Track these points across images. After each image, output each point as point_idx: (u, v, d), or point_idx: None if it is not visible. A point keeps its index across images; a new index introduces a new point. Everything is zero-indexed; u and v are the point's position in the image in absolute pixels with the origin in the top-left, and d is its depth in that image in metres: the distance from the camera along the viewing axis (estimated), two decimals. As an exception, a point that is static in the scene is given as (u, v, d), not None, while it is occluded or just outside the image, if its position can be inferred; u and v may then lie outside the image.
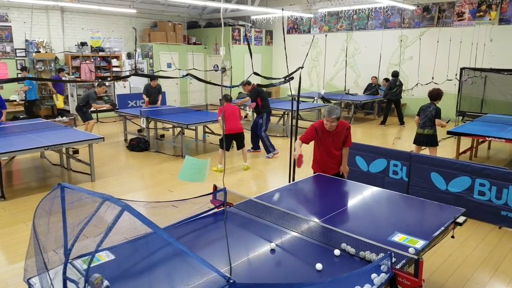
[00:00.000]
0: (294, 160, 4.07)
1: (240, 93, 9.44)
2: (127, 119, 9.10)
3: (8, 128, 6.79)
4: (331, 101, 10.97)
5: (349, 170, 4.35)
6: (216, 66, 14.99)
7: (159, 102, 9.85)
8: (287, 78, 4.47)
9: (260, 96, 7.79)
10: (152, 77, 8.16)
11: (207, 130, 8.93)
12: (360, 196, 3.44)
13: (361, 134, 9.94)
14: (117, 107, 9.75)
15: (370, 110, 12.89)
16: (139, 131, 9.10)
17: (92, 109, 8.63)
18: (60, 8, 11.88)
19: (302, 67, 4.54)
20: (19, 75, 10.66)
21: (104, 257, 2.29)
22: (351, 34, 13.52)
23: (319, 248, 2.41)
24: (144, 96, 9.73)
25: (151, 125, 8.64)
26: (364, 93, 12.89)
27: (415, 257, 2.14)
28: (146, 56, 13.91)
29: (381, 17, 12.79)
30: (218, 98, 15.08)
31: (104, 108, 9.04)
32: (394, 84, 10.74)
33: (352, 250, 2.33)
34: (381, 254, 2.25)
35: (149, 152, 8.12)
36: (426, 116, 6.06)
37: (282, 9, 5.29)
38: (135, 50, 12.65)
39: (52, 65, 11.70)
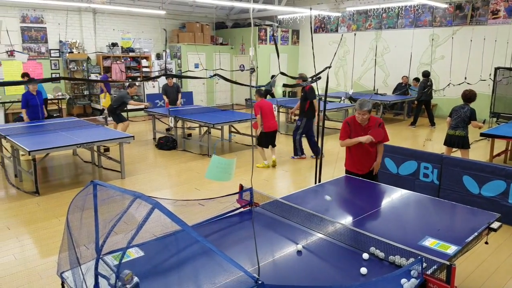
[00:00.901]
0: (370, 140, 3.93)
1: (258, 89, 9.37)
2: (156, 118, 9.28)
3: (43, 126, 7.05)
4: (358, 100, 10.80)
5: (379, 166, 4.19)
6: (242, 66, 15.05)
7: (179, 102, 9.91)
8: (314, 78, 4.43)
9: (314, 98, 7.29)
10: (178, 76, 8.34)
11: (232, 130, 8.99)
12: (389, 199, 3.37)
13: (390, 135, 9.63)
14: (149, 106, 9.89)
15: (399, 111, 12.60)
16: (167, 130, 9.25)
17: (129, 107, 8.70)
18: (92, 10, 12.24)
19: (330, 67, 4.50)
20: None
21: (134, 253, 2.34)
22: (380, 33, 13.26)
23: (347, 251, 2.38)
24: (164, 97, 9.82)
25: (179, 124, 8.77)
26: (393, 93, 12.61)
27: (448, 263, 2.07)
28: (175, 57, 14.13)
29: (411, 15, 12.48)
30: (243, 98, 15.14)
31: (142, 106, 9.03)
32: (426, 84, 10.46)
33: (381, 254, 2.29)
34: (411, 259, 2.19)
35: (176, 151, 8.24)
36: (459, 117, 5.87)
37: (310, 8, 5.25)
38: (165, 51, 12.86)
39: (84, 65, 12.07)
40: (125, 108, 8.75)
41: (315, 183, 4.61)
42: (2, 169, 6.75)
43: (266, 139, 6.89)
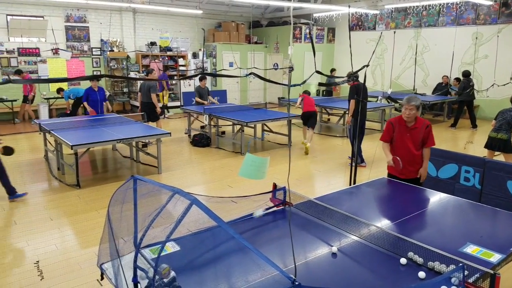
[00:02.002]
0: (393, 164, 3.84)
1: (305, 90, 9.34)
2: (191, 116, 9.45)
3: (85, 121, 7.35)
4: (398, 101, 10.52)
5: (426, 174, 3.99)
6: (276, 64, 15.03)
7: (214, 99, 9.97)
8: (351, 77, 4.35)
9: (352, 98, 6.76)
10: (214, 75, 8.43)
11: (265, 128, 9.00)
12: (428, 202, 3.26)
13: (428, 136, 9.41)
14: (163, 116, 9.75)
15: (439, 112, 12.16)
16: (202, 127, 9.40)
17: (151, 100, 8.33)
18: (133, 10, 12.62)
19: (367, 65, 4.40)
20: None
21: (170, 247, 2.39)
22: (420, 31, 12.84)
23: (383, 255, 2.32)
24: (198, 99, 9.58)
25: (213, 122, 8.88)
26: (433, 93, 12.18)
27: (491, 271, 1.98)
28: (210, 56, 14.31)
29: (453, 13, 12.00)
30: (277, 96, 15.12)
31: (158, 109, 8.46)
32: (468, 84, 10.03)
33: (419, 260, 2.22)
34: (452, 266, 2.11)
35: (210, 148, 8.36)
36: (505, 119, 5.59)
37: (349, 6, 5.16)
38: (203, 50, 13.04)
39: (124, 63, 12.47)
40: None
41: (350, 184, 4.53)
42: (46, 162, 7.10)
43: (304, 118, 8.35)
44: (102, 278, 2.44)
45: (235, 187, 5.89)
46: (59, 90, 10.96)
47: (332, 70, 13.80)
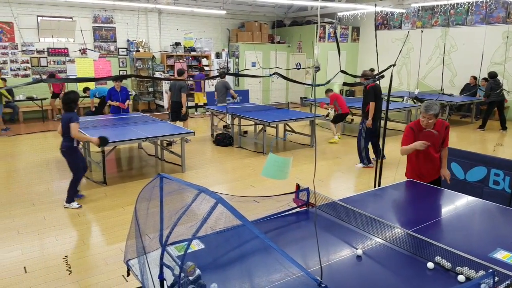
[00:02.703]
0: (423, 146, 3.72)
1: (329, 89, 9.31)
2: (214, 115, 9.53)
3: (111, 120, 7.52)
4: (425, 101, 10.30)
5: (450, 174, 3.99)
6: (298, 64, 14.96)
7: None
8: (377, 77, 4.29)
9: (372, 100, 6.65)
10: (240, 75, 8.48)
11: (287, 128, 8.98)
12: (456, 206, 3.18)
13: (456, 138, 9.17)
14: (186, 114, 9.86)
15: (467, 113, 11.82)
16: (225, 127, 9.46)
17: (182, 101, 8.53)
18: (158, 10, 12.83)
19: (394, 65, 4.32)
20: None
21: (195, 245, 2.42)
22: (447, 30, 12.52)
23: (410, 259, 2.28)
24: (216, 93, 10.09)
25: (235, 121, 8.93)
26: (460, 93, 11.86)
27: (524, 279, 1.92)
28: (233, 56, 14.39)
29: (483, 11, 11.63)
30: (299, 96, 15.04)
31: (183, 109, 8.63)
32: (496, 86, 9.72)
33: (447, 265, 2.17)
34: (481, 272, 2.05)
35: (232, 147, 8.41)
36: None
37: (375, 5, 5.08)
38: (227, 50, 13.14)
39: (150, 63, 12.70)
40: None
41: (375, 186, 4.47)
42: (75, 159, 7.30)
43: (341, 118, 8.93)
44: (128, 274, 2.49)
45: (257, 187, 5.91)
46: (86, 90, 11.27)
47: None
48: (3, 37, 10.85)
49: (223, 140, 8.56)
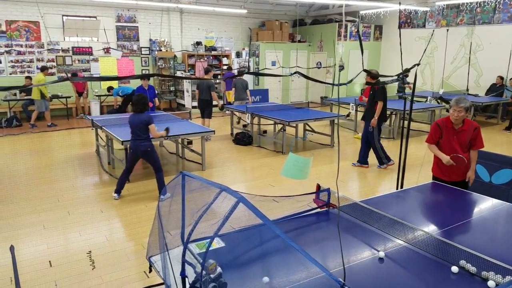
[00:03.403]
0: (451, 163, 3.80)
1: (362, 89, 9.24)
2: (234, 114, 9.57)
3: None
4: (450, 102, 10.07)
5: (474, 177, 3.91)
6: (319, 63, 14.85)
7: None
8: (400, 76, 4.22)
9: (380, 100, 6.58)
10: (261, 74, 8.50)
11: (307, 128, 8.93)
12: (480, 209, 3.10)
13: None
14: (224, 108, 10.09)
15: (493, 114, 11.49)
16: (244, 126, 9.48)
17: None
18: (180, 10, 12.96)
19: (418, 64, 4.24)
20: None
21: (216, 243, 2.44)
22: (473, 28, 12.18)
23: (433, 262, 2.23)
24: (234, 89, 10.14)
25: (255, 121, 8.94)
26: (486, 94, 11.53)
27: (555, 287, 1.85)
28: (253, 55, 14.40)
29: (511, 9, 11.27)
30: (319, 95, 14.94)
31: (219, 104, 9.20)
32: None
33: (472, 269, 2.11)
34: (508, 277, 2.00)
35: (251, 147, 8.42)
36: None
37: (399, 3, 4.99)
38: (249, 49, 13.15)
39: (171, 62, 12.84)
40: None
41: (397, 188, 4.40)
42: (97, 156, 7.48)
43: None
44: (150, 271, 2.53)
45: (276, 186, 5.90)
46: (109, 88, 11.51)
47: (408, 70, 13.45)
48: (30, 36, 11.17)
49: (243, 139, 8.59)
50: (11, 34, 10.93)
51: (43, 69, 10.21)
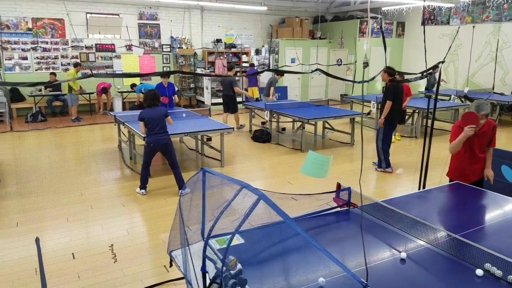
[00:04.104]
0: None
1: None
2: (252, 112, 9.58)
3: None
4: (475, 100, 9.80)
5: (493, 174, 3.84)
6: (339, 60, 14.70)
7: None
8: (424, 74, 4.13)
9: (389, 99, 6.27)
10: (282, 72, 8.34)
11: (327, 126, 8.85)
12: (505, 211, 3.01)
13: (506, 139, 8.67)
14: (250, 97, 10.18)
15: (519, 113, 11.14)
16: (263, 123, 9.48)
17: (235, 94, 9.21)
18: (201, 8, 13.03)
19: (443, 61, 4.14)
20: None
21: (235, 240, 2.45)
22: (500, 25, 11.81)
23: (457, 265, 2.19)
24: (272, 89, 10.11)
25: (274, 118, 8.92)
26: (512, 93, 11.19)
27: None
28: (272, 52, 14.37)
29: (542, 4, 10.88)
30: (339, 93, 14.79)
31: (245, 94, 9.54)
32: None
33: (498, 273, 2.06)
34: (536, 283, 1.94)
35: (270, 144, 8.41)
36: None
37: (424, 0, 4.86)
38: (269, 46, 13.12)
39: (192, 60, 12.94)
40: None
41: (419, 188, 4.32)
42: (119, 151, 7.62)
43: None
44: (171, 265, 2.56)
45: (294, 184, 5.89)
46: (133, 86, 11.69)
47: (435, 67, 13.20)
48: (55, 33, 11.45)
49: (261, 136, 8.59)
50: (37, 32, 11.23)
51: (76, 65, 10.44)
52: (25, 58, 11.23)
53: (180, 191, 5.24)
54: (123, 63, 12.35)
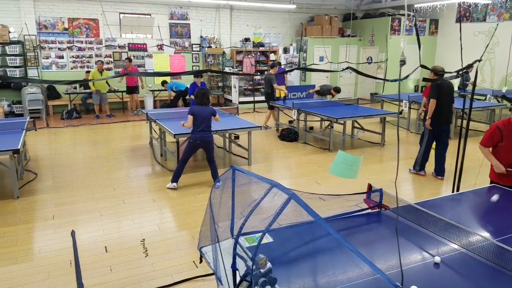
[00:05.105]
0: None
1: (418, 85, 8.84)
2: (280, 110, 9.56)
3: (184, 113, 7.85)
4: (513, 101, 9.40)
5: None
6: (370, 58, 14.43)
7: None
8: (460, 73, 3.99)
9: (432, 97, 5.85)
10: (311, 70, 8.30)
11: (356, 125, 8.71)
12: (549, 217, 2.87)
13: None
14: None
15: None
16: (290, 122, 9.45)
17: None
18: (230, 7, 13.11)
19: (480, 60, 3.99)
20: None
21: (264, 238, 2.45)
22: (542, 21, 11.25)
23: (494, 271, 2.11)
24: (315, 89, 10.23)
25: (301, 117, 8.87)
26: (554, 93, 10.63)
27: None
28: (300, 50, 14.27)
29: None
30: (369, 92, 14.52)
31: (284, 91, 9.69)
32: None
33: (540, 281, 1.97)
34: None
35: (297, 143, 8.37)
36: None
37: (460, -4, 4.70)
38: (294, 45, 13.05)
39: (220, 59, 13.05)
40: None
41: (453, 191, 4.18)
42: (151, 148, 7.79)
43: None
44: (201, 261, 2.60)
45: (322, 184, 5.83)
46: (163, 83, 11.91)
47: (469, 66, 12.83)
48: (89, 33, 11.82)
49: (288, 135, 8.56)
50: (73, 31, 11.63)
51: (98, 62, 10.76)
52: (61, 57, 11.65)
53: (216, 184, 5.34)
54: (154, 62, 12.60)
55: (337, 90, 9.58)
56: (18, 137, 5.66)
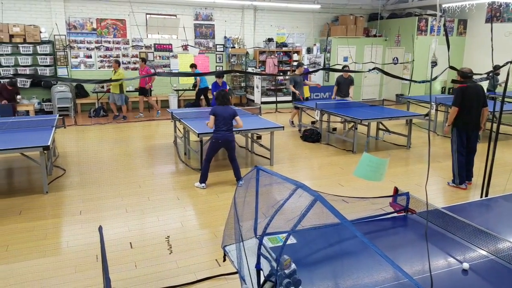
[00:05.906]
0: None
1: (445, 86, 8.60)
2: (302, 111, 9.52)
3: (206, 113, 7.93)
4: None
5: None
6: (395, 59, 14.18)
7: (351, 95, 9.82)
8: (490, 74, 3.88)
9: (454, 104, 5.56)
10: (333, 70, 8.22)
11: (381, 127, 8.57)
12: None
13: None
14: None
15: None
16: (313, 122, 9.39)
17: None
18: (254, 7, 13.15)
19: (511, 62, 3.87)
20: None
21: (288, 240, 2.45)
22: None
23: (526, 279, 2.04)
24: (335, 88, 10.00)
25: (324, 118, 8.80)
26: None
27: None
28: (324, 50, 14.16)
29: None
30: (394, 93, 14.27)
31: (296, 92, 9.71)
32: None
33: None
34: None
35: (320, 144, 8.31)
36: None
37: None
38: (319, 45, 12.97)
39: (243, 59, 13.11)
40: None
41: (481, 196, 4.07)
42: (175, 147, 7.90)
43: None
44: (224, 260, 2.62)
45: (345, 186, 5.77)
46: (192, 66, 11.23)
47: (500, 67, 12.47)
48: (117, 33, 12.10)
49: (311, 136, 8.51)
50: (101, 32, 11.93)
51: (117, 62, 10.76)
52: (89, 57, 11.97)
53: (239, 182, 5.39)
54: (179, 62, 12.78)
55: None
56: (48, 134, 5.85)
